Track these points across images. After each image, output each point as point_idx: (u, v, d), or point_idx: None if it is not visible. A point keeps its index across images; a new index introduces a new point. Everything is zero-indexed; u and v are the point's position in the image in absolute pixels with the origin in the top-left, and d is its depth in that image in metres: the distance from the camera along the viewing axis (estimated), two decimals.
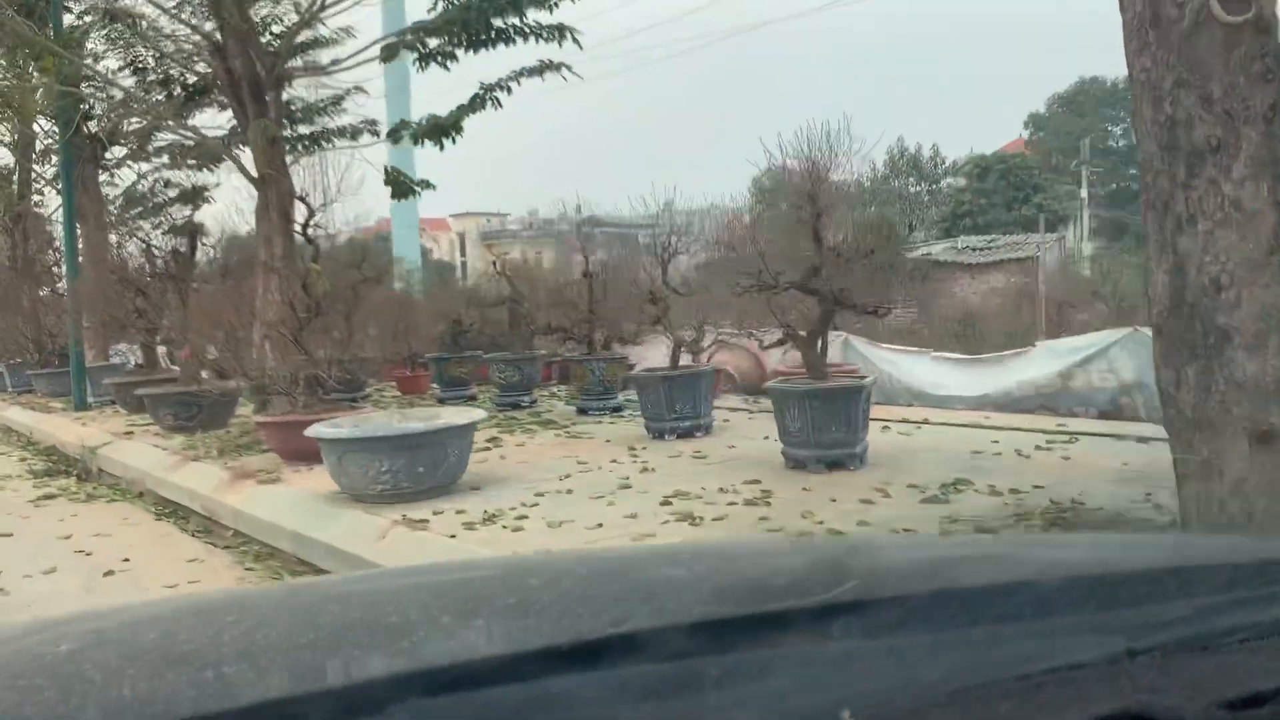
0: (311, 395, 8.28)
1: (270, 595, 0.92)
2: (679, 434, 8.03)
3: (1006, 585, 0.79)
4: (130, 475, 9.41)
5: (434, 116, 9.78)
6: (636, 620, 0.68)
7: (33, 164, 20.18)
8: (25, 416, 14.62)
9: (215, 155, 16.54)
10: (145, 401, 11.05)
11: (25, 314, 17.65)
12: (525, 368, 10.88)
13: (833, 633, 0.67)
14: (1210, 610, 0.75)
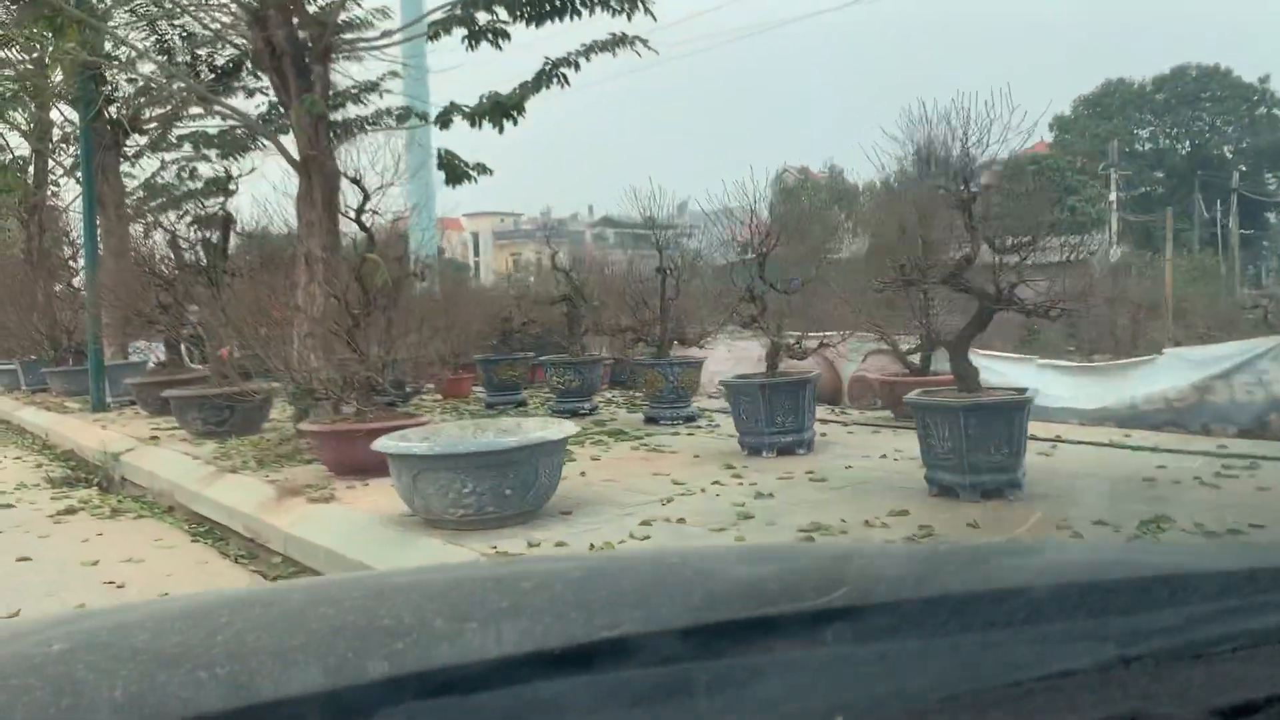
0: (366, 401, 7.39)
1: (262, 596, 0.87)
2: (779, 450, 7.11)
3: (998, 592, 0.78)
4: (158, 487, 8.52)
5: (495, 94, 8.87)
6: (628, 625, 0.67)
7: (50, 153, 19.36)
8: (41, 418, 13.76)
9: (242, 144, 15.80)
10: (172, 404, 10.18)
11: (40, 309, 16.82)
12: (585, 371, 9.98)
13: (825, 639, 0.67)
14: (1202, 618, 0.73)
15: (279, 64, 9.04)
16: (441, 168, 9.57)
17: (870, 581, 0.81)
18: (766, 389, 7.03)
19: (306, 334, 8.50)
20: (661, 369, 8.93)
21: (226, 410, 9.81)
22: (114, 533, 7.00)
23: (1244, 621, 0.74)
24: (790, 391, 7.10)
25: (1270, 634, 0.72)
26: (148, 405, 12.33)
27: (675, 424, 8.99)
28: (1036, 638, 0.71)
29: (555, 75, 9.05)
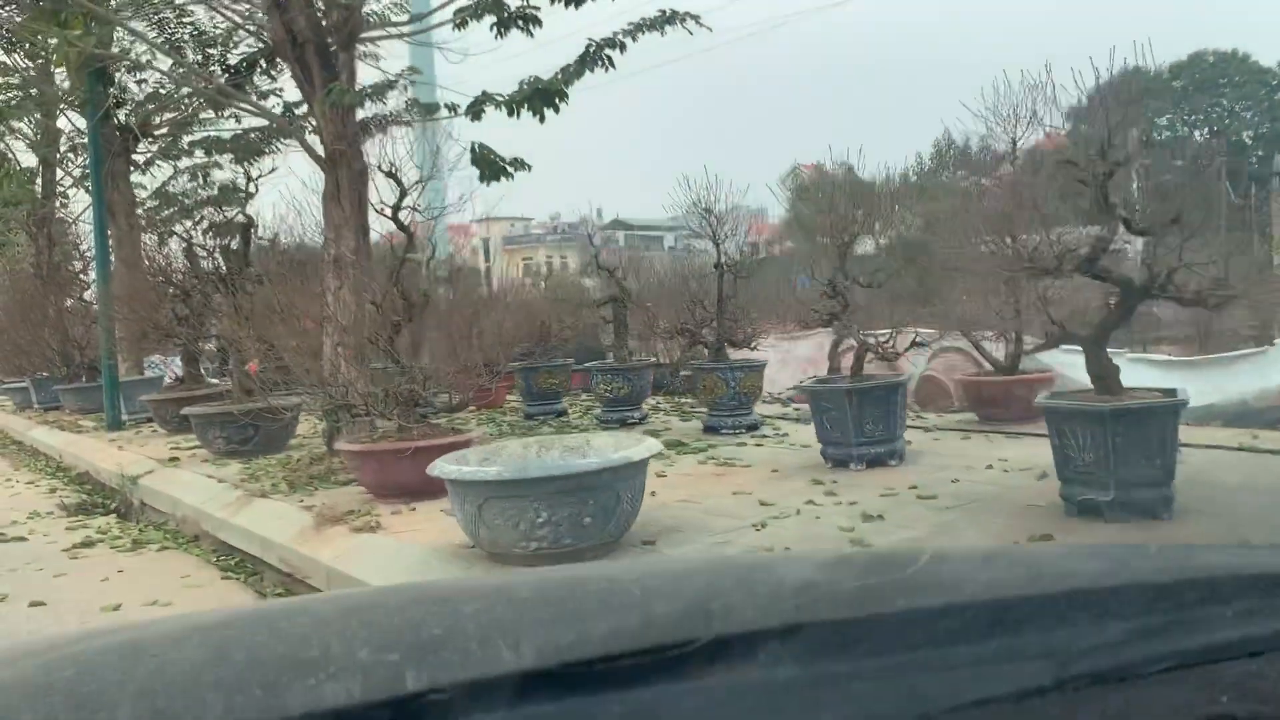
0: (409, 416, 6.71)
1: (268, 614, 0.85)
2: (868, 461, 6.40)
3: (935, 610, 0.74)
4: (181, 513, 7.86)
5: (535, 79, 8.19)
6: (555, 653, 0.65)
7: (58, 163, 18.77)
8: (54, 438, 13.13)
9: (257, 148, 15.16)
10: (192, 422, 9.52)
11: (51, 324, 16.20)
12: (635, 378, 9.27)
13: (758, 660, 0.65)
14: (1132, 636, 0.71)
15: (301, 53, 8.38)
16: (475, 164, 8.87)
17: (809, 600, 0.77)
18: (854, 394, 6.32)
19: (338, 344, 7.82)
20: (722, 373, 8.23)
21: (251, 428, 9.15)
22: (136, 569, 6.34)
23: (1174, 640, 0.70)
24: (881, 397, 6.39)
25: (1194, 654, 0.69)
26: (165, 423, 11.69)
27: (738, 433, 8.29)
28: (963, 659, 0.68)
29: (600, 58, 8.36)
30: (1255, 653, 0.70)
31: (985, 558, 1.03)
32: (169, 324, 10.40)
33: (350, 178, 8.39)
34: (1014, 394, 7.73)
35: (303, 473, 7.86)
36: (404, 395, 6.52)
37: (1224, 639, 0.71)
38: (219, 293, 9.85)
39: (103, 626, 0.81)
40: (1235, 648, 0.71)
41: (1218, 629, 0.72)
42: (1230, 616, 0.74)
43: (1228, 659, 0.70)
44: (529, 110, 8.42)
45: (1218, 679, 0.68)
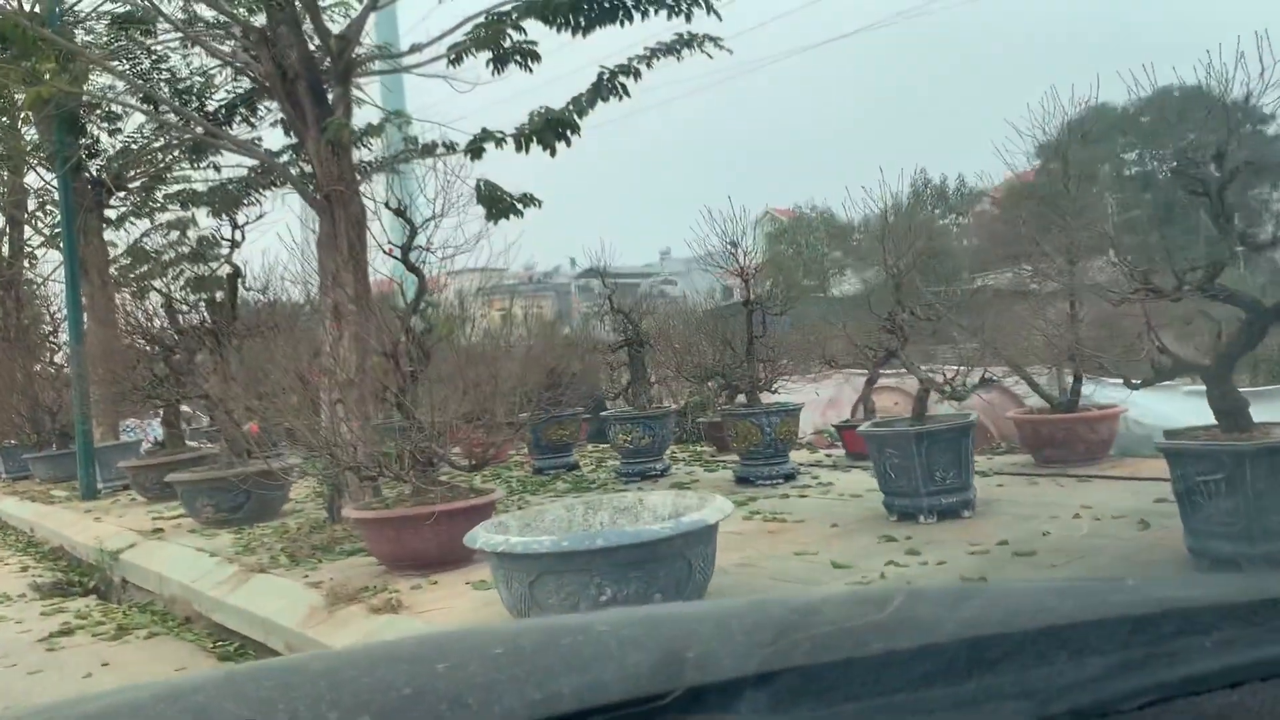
0: (424, 477, 6.04)
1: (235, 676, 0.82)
2: (939, 513, 5.78)
3: (912, 652, 0.72)
4: (169, 592, 7.12)
5: (546, 110, 7.63)
6: (526, 710, 0.63)
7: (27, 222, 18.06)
8: (24, 509, 12.30)
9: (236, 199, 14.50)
10: (178, 489, 8.78)
11: (20, 389, 15.39)
12: (656, 426, 8.63)
13: (736, 709, 0.64)
14: (1111, 671, 0.70)
15: (292, 89, 7.80)
16: (481, 201, 8.28)
17: (787, 644, 0.75)
18: (923, 439, 5.71)
19: (337, 400, 7.15)
20: (757, 419, 7.60)
21: (243, 495, 8.43)
22: (123, 661, 5.61)
23: (1152, 674, 0.69)
24: (952, 441, 5.78)
25: (1174, 686, 0.68)
26: (145, 491, 10.92)
27: (775, 483, 7.65)
28: (945, 701, 0.66)
29: (614, 86, 7.83)
30: (1236, 683, 0.68)
31: (960, 596, 0.99)
32: (148, 384, 9.67)
33: (347, 220, 7.78)
34: (1076, 433, 7.16)
35: (303, 543, 7.15)
36: (421, 454, 5.86)
37: (1204, 670, 0.70)
38: (204, 349, 9.17)
39: (67, 699, 0.80)
40: (1216, 679, 0.69)
41: (1197, 660, 0.71)
42: (1209, 647, 0.73)
43: (1208, 690, 0.68)
44: (539, 144, 7.86)
45: (1199, 712, 0.66)
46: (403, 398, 6.13)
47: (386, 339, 6.02)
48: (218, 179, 14.65)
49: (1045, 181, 35.95)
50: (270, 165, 9.67)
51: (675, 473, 8.87)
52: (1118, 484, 6.45)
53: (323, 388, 7.32)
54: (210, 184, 13.86)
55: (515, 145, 7.95)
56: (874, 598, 0.89)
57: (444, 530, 5.84)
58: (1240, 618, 0.79)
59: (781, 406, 7.78)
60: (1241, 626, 0.78)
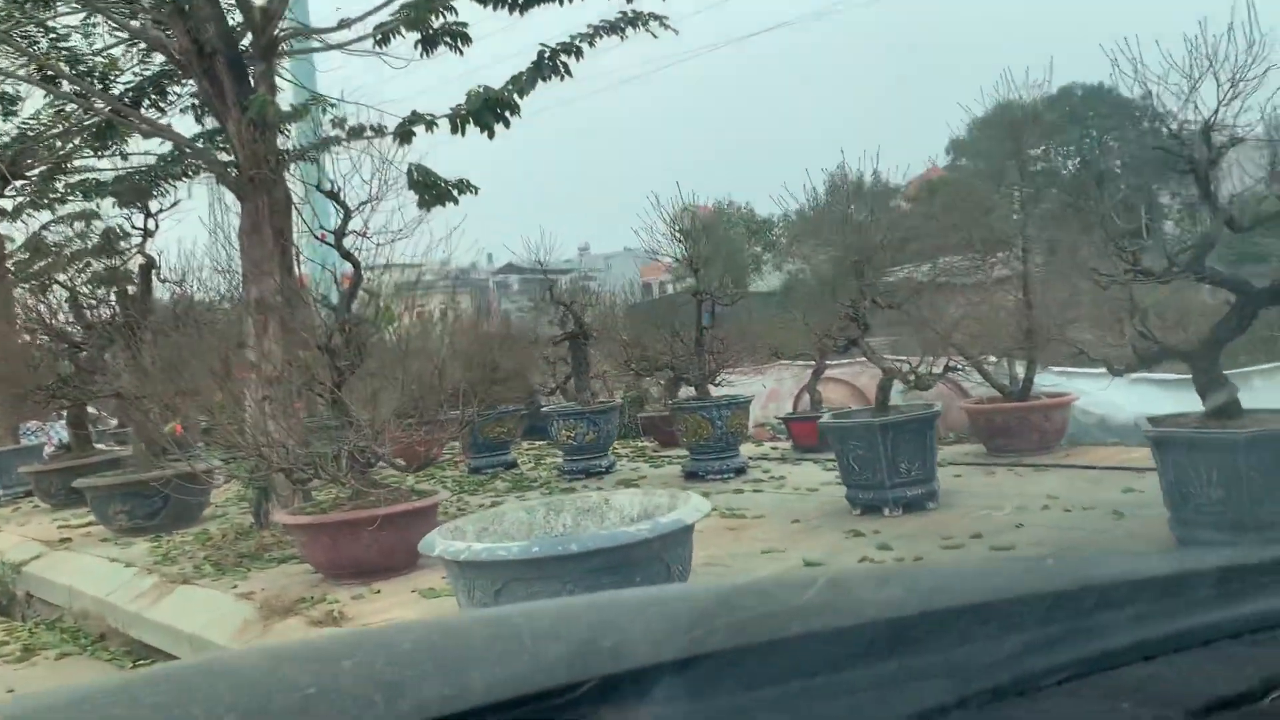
0: (363, 479, 5.66)
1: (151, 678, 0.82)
2: (904, 505, 5.60)
3: (833, 634, 0.72)
4: (80, 606, 6.60)
5: (485, 89, 7.25)
6: (436, 705, 0.60)
7: None
8: None
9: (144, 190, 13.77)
10: (88, 495, 8.20)
11: None
12: (601, 422, 8.32)
13: (653, 697, 0.62)
14: (1030, 648, 0.69)
15: (210, 66, 7.30)
16: (413, 187, 7.87)
17: (709, 629, 0.73)
18: (889, 430, 5.51)
19: (264, 397, 6.70)
20: (707, 412, 7.35)
21: (160, 500, 7.90)
22: (31, 684, 5.12)
23: (1070, 650, 0.68)
24: (916, 432, 5.60)
25: (1092, 662, 0.68)
26: (50, 497, 10.25)
27: (726, 478, 7.41)
28: (865, 682, 0.65)
29: (555, 65, 7.49)
30: (1150, 656, 0.69)
31: (881, 578, 1.01)
32: (53, 384, 9.04)
33: (272, 206, 7.32)
34: (1030, 422, 7.06)
35: (229, 551, 6.69)
36: (361, 454, 5.47)
37: (1120, 644, 0.70)
38: (115, 345, 8.59)
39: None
40: (1131, 652, 0.69)
41: (1113, 635, 0.71)
42: (1125, 622, 0.73)
43: (1124, 664, 0.68)
44: (476, 125, 7.49)
45: (1116, 685, 0.66)
46: (338, 394, 5.73)
47: (320, 331, 5.61)
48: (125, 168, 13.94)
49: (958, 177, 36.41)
50: (188, 149, 9.08)
51: (620, 469, 8.58)
52: (1076, 473, 6.35)
53: (248, 384, 6.87)
54: (118, 171, 13.11)
55: (451, 127, 7.57)
56: (795, 582, 0.87)
57: (385, 535, 5.47)
58: (1154, 593, 0.80)
59: (732, 399, 7.55)
60: (1155, 601, 0.78)
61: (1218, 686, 0.65)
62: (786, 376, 10.69)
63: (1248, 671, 0.67)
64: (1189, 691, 0.66)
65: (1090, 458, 6.78)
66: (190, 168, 11.91)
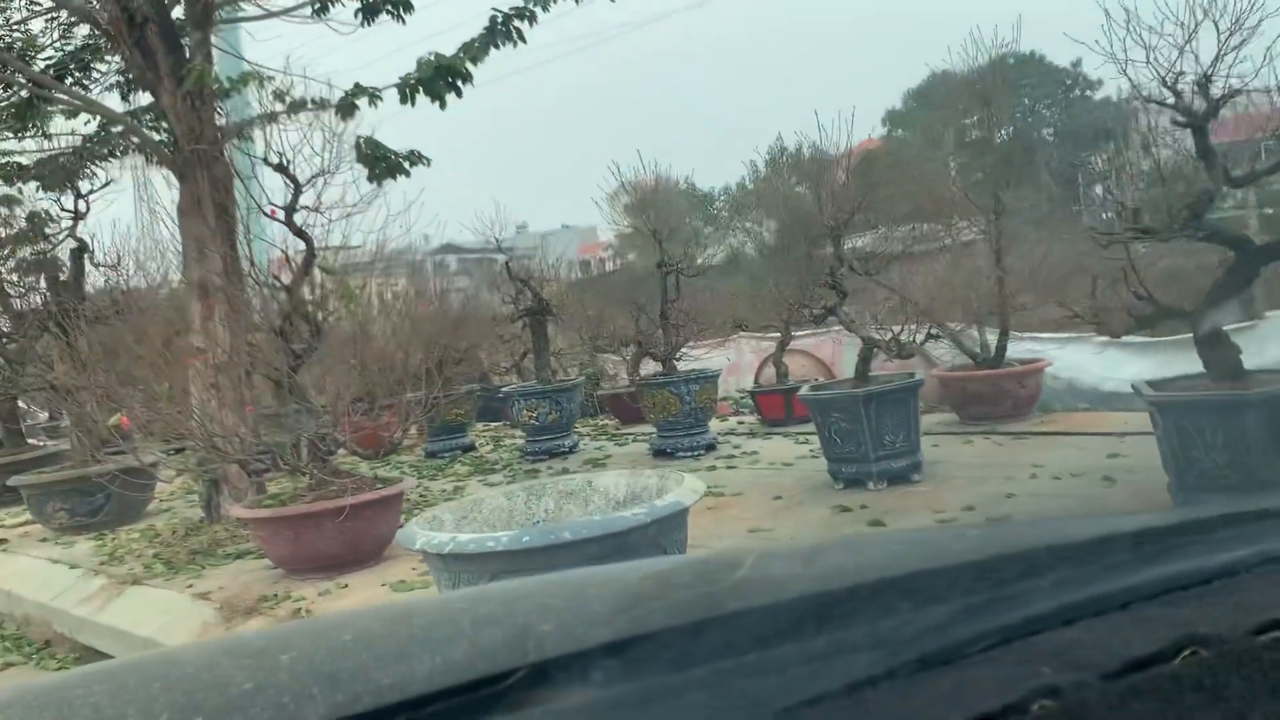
0: (324, 467, 5.36)
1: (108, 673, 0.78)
2: (889, 478, 5.45)
3: (763, 610, 0.71)
4: (23, 612, 6.23)
5: (438, 56, 6.92)
6: (373, 696, 0.59)
7: None
8: None
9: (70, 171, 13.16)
10: (24, 493, 7.78)
11: None
12: (564, 401, 8.08)
13: (589, 680, 0.62)
14: (955, 617, 0.70)
15: (141, 36, 6.88)
16: (362, 160, 7.53)
17: (647, 609, 0.75)
18: (871, 401, 5.35)
19: (210, 384, 6.36)
20: (675, 388, 7.14)
21: (101, 496, 7.52)
22: None
23: (995, 617, 0.70)
24: (899, 402, 5.44)
25: (1015, 628, 0.69)
26: None
27: (697, 454, 7.22)
28: (794, 657, 0.65)
29: (508, 30, 7.18)
30: (1070, 620, 0.71)
31: (811, 553, 0.98)
32: None
33: (212, 183, 6.94)
34: (1004, 389, 6.96)
35: (179, 547, 6.36)
36: (322, 441, 5.18)
37: (1042, 610, 0.71)
38: (46, 335, 8.14)
39: None
40: (1052, 618, 0.71)
41: (1035, 601, 0.72)
42: (1046, 588, 0.75)
43: (1046, 629, 0.69)
44: (427, 94, 7.18)
45: (1037, 650, 0.67)
46: (293, 379, 5.42)
47: (273, 313, 5.30)
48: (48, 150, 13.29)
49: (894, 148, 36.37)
50: (120, 125, 8.61)
51: (584, 449, 8.35)
52: (1055, 440, 6.25)
53: (194, 372, 6.52)
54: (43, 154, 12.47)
55: (400, 97, 7.24)
56: (727, 560, 0.87)
57: (350, 526, 5.19)
58: (1075, 558, 0.81)
59: (700, 374, 7.34)
60: (1076, 566, 0.79)
61: (1133, 648, 0.65)
62: (745, 350, 10.52)
63: (1161, 633, 0.67)
64: (1106, 654, 0.65)
65: (1066, 424, 6.70)
66: (118, 148, 11.37)
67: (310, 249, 5.58)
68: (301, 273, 5.50)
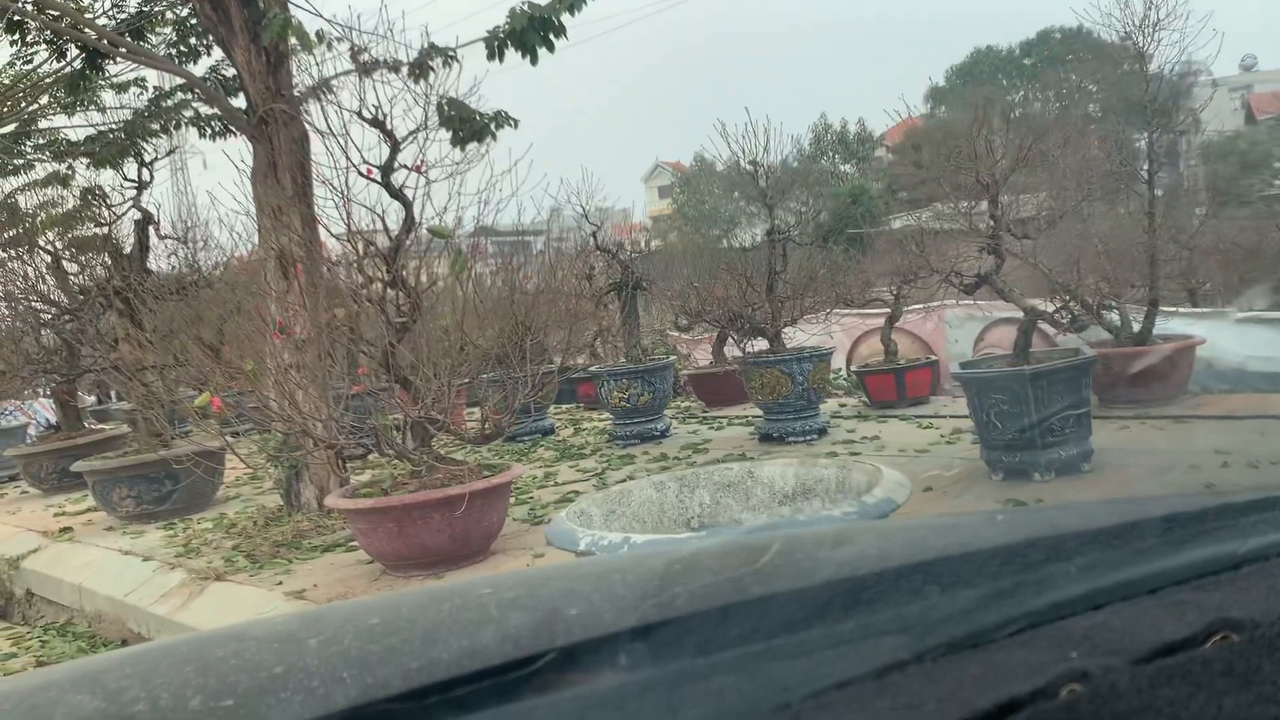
0: (428, 452, 4.86)
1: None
2: (1058, 468, 4.85)
3: (789, 595, 0.71)
4: (95, 608, 5.78)
5: (532, 6, 6.37)
6: (401, 680, 0.59)
7: None
8: None
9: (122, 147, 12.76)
10: (89, 480, 7.34)
11: None
12: (656, 381, 7.53)
13: (616, 664, 0.62)
14: (982, 602, 0.70)
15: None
16: (445, 124, 6.98)
17: (670, 595, 0.73)
18: (1040, 381, 4.75)
19: (289, 365, 5.86)
20: (786, 367, 6.56)
21: (169, 483, 7.07)
22: None
23: (1021, 602, 0.69)
24: (1070, 382, 4.83)
25: (1042, 613, 0.68)
26: (40, 482, 9.39)
27: (809, 440, 6.65)
28: (821, 642, 0.65)
29: None
30: (1099, 605, 0.70)
31: (837, 539, 0.95)
32: (41, 357, 8.14)
33: (289, 146, 6.44)
34: (1155, 369, 6.32)
35: (260, 539, 5.88)
36: (433, 424, 4.67)
37: (1069, 595, 0.71)
38: (108, 311, 7.70)
39: None
40: (1080, 602, 0.70)
41: (1063, 586, 0.72)
42: (1074, 573, 0.74)
43: (1073, 614, 0.69)
44: (517, 48, 6.62)
45: (1066, 635, 0.66)
46: (391, 356, 4.91)
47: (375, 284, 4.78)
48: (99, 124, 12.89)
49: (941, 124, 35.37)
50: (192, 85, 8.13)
51: (676, 433, 7.80)
52: (1228, 424, 5.63)
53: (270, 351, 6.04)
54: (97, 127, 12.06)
55: (488, 53, 6.69)
56: (752, 545, 0.85)
57: (458, 518, 4.69)
58: (1103, 543, 0.80)
59: (815, 351, 6.76)
60: (1104, 551, 0.78)
61: (1162, 633, 0.63)
62: (836, 329, 9.92)
63: (1191, 617, 0.65)
64: (1135, 638, 0.63)
65: (1226, 407, 6.07)
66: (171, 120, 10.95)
67: (409, 213, 5.05)
68: (398, 240, 4.97)
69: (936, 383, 7.97)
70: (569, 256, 7.92)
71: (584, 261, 8.80)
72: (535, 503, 6.08)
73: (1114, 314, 6.67)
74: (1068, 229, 5.99)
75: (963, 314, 9.07)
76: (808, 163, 44.59)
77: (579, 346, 9.89)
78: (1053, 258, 6.33)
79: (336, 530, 5.80)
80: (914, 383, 7.71)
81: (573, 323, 8.11)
